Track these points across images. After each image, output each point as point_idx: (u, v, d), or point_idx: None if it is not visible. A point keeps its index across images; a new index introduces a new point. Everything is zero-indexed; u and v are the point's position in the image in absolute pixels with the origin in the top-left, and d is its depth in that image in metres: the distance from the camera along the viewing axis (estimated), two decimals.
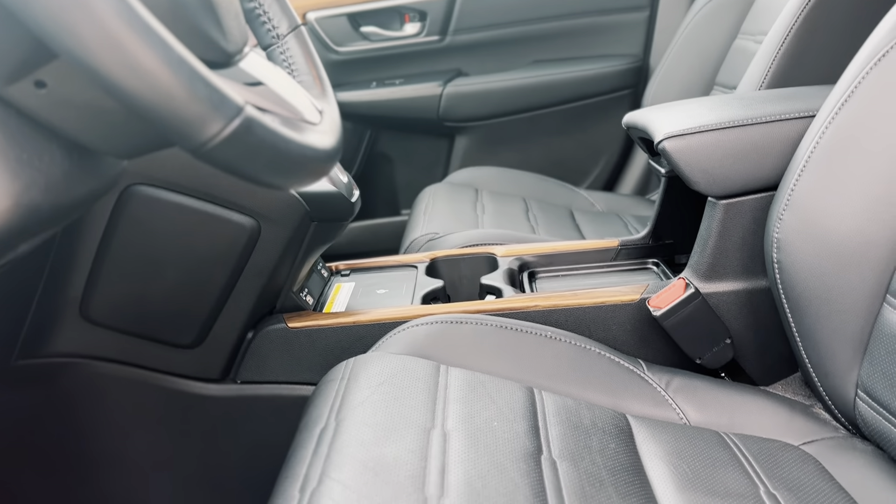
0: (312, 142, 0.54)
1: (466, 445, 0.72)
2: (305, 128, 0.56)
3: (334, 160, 0.59)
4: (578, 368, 0.93)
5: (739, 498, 0.73)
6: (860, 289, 0.83)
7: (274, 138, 0.48)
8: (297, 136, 0.52)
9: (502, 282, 1.14)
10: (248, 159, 0.47)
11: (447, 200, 1.67)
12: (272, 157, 0.49)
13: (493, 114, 2.05)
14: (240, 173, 0.49)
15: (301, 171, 0.54)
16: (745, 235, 0.97)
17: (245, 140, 0.46)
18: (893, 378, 0.78)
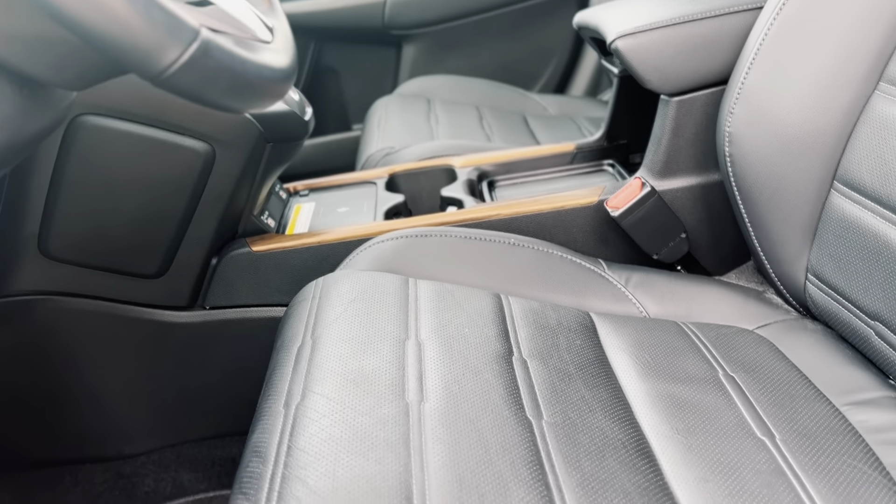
0: (269, 62, 0.53)
1: (441, 352, 0.75)
2: (260, 48, 0.55)
3: (291, 79, 0.59)
4: (542, 272, 0.96)
5: (699, 382, 0.78)
6: (809, 176, 0.86)
7: (231, 61, 0.47)
8: (253, 56, 0.51)
9: (462, 193, 1.15)
10: (207, 84, 0.47)
11: (400, 113, 1.65)
12: (231, 81, 0.48)
13: (440, 19, 2.00)
14: (199, 99, 0.48)
15: (260, 92, 0.53)
16: (698, 131, 0.99)
17: (203, 65, 0.45)
18: (841, 261, 0.83)
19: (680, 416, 0.72)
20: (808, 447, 0.68)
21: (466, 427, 0.65)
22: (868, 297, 0.79)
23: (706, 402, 0.74)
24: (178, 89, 0.46)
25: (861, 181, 0.80)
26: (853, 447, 0.69)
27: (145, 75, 0.43)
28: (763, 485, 0.64)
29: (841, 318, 0.84)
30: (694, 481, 0.64)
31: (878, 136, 0.79)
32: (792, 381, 0.79)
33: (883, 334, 0.77)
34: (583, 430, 0.68)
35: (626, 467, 0.64)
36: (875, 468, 0.66)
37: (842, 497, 0.62)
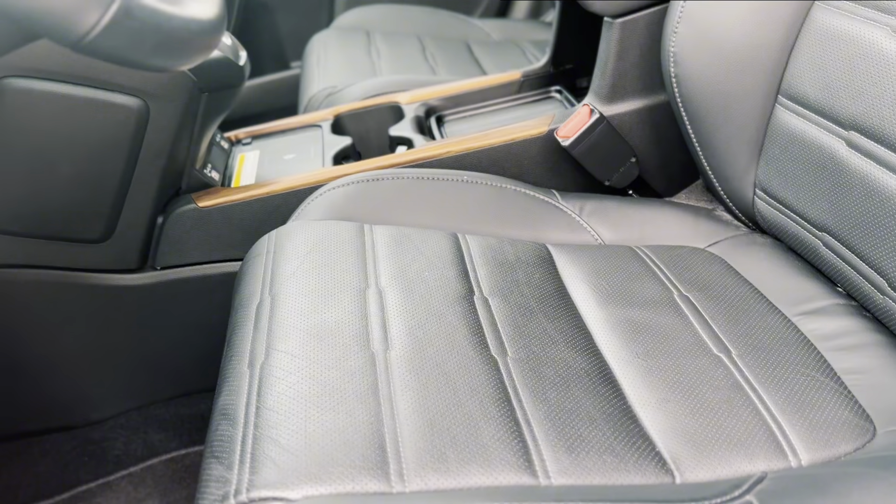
0: (195, 14, 0.51)
1: (402, 299, 0.75)
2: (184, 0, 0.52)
3: (220, 30, 0.56)
4: (497, 208, 0.96)
5: (655, 304, 0.79)
6: (754, 92, 0.87)
7: (155, 18, 0.45)
8: (178, 11, 0.48)
9: (411, 131, 1.13)
10: (132, 46, 0.44)
11: (339, 49, 1.60)
12: (157, 40, 0.46)
13: None
14: (126, 61, 0.46)
15: (189, 48, 0.51)
16: (643, 52, 0.98)
17: (126, 25, 0.42)
18: (788, 175, 0.84)
19: (639, 340, 0.74)
20: (764, 360, 0.71)
21: (433, 371, 0.65)
22: (815, 210, 0.81)
23: (663, 323, 0.76)
24: (100, 53, 0.44)
25: (804, 94, 0.81)
26: (806, 356, 0.72)
27: (64, 41, 0.41)
28: (722, 400, 0.66)
29: (789, 230, 0.86)
30: (656, 402, 0.66)
31: (819, 48, 0.79)
32: (745, 296, 0.81)
33: (830, 244, 0.79)
34: (547, 363, 0.69)
35: (590, 395, 0.66)
36: (828, 375, 0.69)
37: (797, 406, 0.65)
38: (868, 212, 0.73)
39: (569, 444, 0.60)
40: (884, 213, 0.70)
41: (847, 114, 0.75)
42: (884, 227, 0.71)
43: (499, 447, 0.58)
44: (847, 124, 0.75)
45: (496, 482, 0.56)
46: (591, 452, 0.59)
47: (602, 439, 0.61)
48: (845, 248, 0.77)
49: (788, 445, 0.62)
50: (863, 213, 0.73)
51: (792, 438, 0.62)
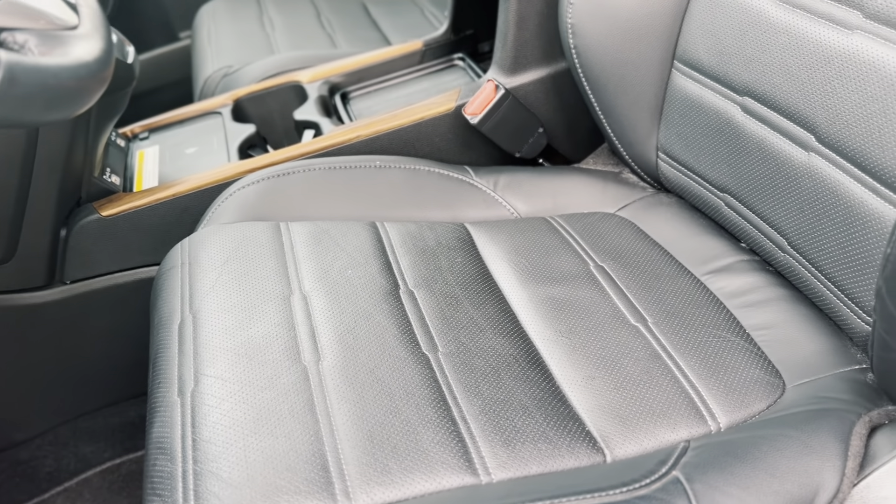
0: (82, 57, 0.48)
1: (328, 303, 0.75)
2: (68, 39, 0.49)
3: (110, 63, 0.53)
4: (413, 190, 0.96)
5: (573, 279, 0.82)
6: (650, 59, 0.88)
7: (41, 77, 0.43)
8: (63, 60, 0.46)
9: (317, 114, 1.10)
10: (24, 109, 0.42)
11: (230, 21, 1.53)
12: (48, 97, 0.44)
13: None
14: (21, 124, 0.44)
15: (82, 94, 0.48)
16: (542, 21, 0.98)
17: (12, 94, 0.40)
18: (688, 138, 0.87)
19: (561, 318, 0.76)
20: (678, 325, 0.75)
21: (367, 378, 0.66)
22: (715, 172, 0.84)
23: (582, 297, 0.79)
24: None
25: (699, 60, 0.83)
26: (716, 317, 0.76)
27: None
28: (643, 371, 0.70)
29: (692, 191, 0.90)
30: (582, 381, 0.69)
31: (710, 15, 0.82)
32: (655, 260, 0.85)
33: (732, 205, 0.83)
34: (477, 354, 0.71)
35: (521, 382, 0.68)
36: (737, 334, 0.74)
37: (712, 369, 0.69)
38: (765, 175, 0.76)
39: (505, 438, 0.62)
40: (780, 177, 0.74)
41: (740, 80, 0.78)
42: (781, 189, 0.75)
43: (439, 450, 0.60)
44: (741, 90, 0.78)
45: (440, 486, 0.58)
46: (526, 443, 0.62)
47: (535, 427, 0.63)
48: (746, 208, 0.81)
49: (707, 410, 0.66)
50: (760, 176, 0.77)
51: (710, 403, 0.66)
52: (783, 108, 0.72)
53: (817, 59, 0.68)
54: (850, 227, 0.66)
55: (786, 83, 0.71)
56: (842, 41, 0.66)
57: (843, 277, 0.68)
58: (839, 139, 0.66)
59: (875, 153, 0.62)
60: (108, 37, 0.53)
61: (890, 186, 0.62)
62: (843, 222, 0.67)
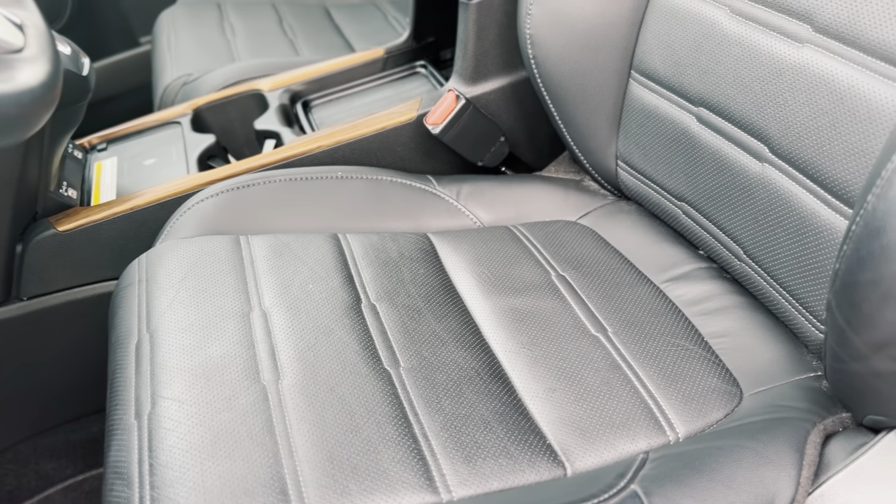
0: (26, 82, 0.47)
1: (289, 319, 0.74)
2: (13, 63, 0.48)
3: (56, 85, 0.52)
4: (375, 201, 0.95)
5: (535, 289, 0.82)
6: (608, 69, 0.89)
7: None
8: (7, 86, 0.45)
9: (277, 123, 1.09)
10: None
11: (190, 28, 1.51)
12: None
13: None
14: None
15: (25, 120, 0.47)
16: (501, 31, 0.98)
17: None
18: (645, 148, 0.88)
19: (523, 329, 0.76)
20: (637, 335, 0.75)
21: (328, 396, 0.66)
22: (672, 181, 0.85)
23: (544, 308, 0.79)
24: None
25: (655, 71, 0.84)
26: (675, 325, 0.77)
27: None
28: (603, 382, 0.70)
29: (651, 199, 0.91)
30: (543, 393, 0.70)
31: (665, 26, 0.82)
32: (616, 268, 0.86)
33: (689, 213, 0.84)
34: (439, 368, 0.71)
35: (483, 396, 0.68)
36: (696, 342, 0.75)
37: (671, 379, 0.70)
38: (720, 184, 0.77)
39: (466, 454, 0.62)
40: (734, 187, 0.75)
41: (695, 91, 0.78)
42: (736, 199, 0.76)
43: (399, 469, 0.60)
44: (696, 101, 0.79)
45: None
46: (487, 458, 0.62)
47: (496, 442, 0.63)
48: (703, 217, 0.82)
49: (666, 421, 0.67)
50: (716, 185, 0.78)
51: (668, 413, 0.67)
52: (737, 119, 0.73)
53: (769, 71, 0.69)
54: (803, 237, 0.67)
55: (739, 95, 0.72)
56: (793, 54, 0.67)
57: (797, 286, 0.69)
58: (791, 150, 0.67)
59: (826, 165, 0.64)
60: (54, 58, 0.52)
61: (840, 198, 0.63)
62: (796, 232, 0.68)
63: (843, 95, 0.62)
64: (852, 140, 0.61)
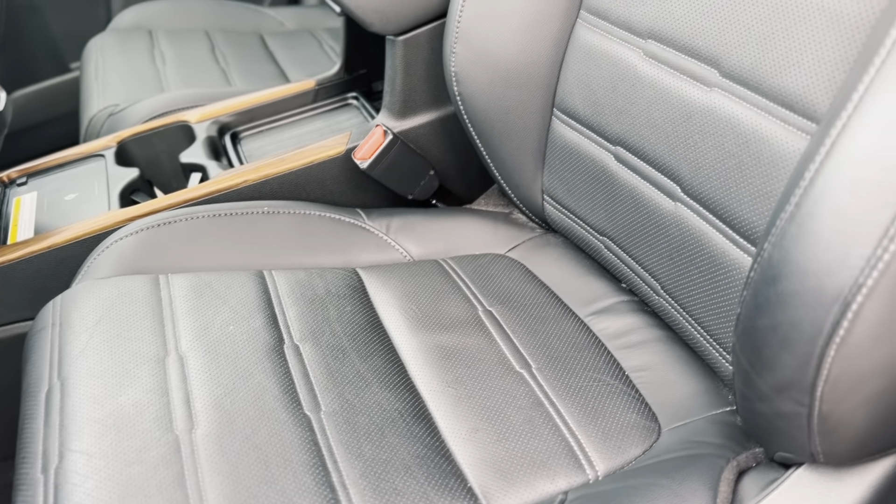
0: None
1: (206, 363, 0.73)
2: None
3: None
4: (303, 236, 0.94)
5: (463, 324, 0.82)
6: (532, 106, 0.90)
7: None
8: None
9: (204, 156, 1.07)
10: None
11: (119, 55, 1.48)
12: None
13: None
14: None
15: None
16: (429, 66, 0.99)
17: None
18: (569, 183, 0.89)
19: (448, 367, 0.76)
20: (560, 370, 0.76)
21: (244, 446, 0.64)
22: (594, 216, 0.86)
23: (470, 344, 0.79)
24: None
25: (575, 109, 0.86)
26: (597, 360, 0.78)
27: None
28: (525, 421, 0.70)
29: (576, 233, 0.92)
30: (466, 433, 0.69)
31: (583, 65, 0.84)
32: (542, 302, 0.86)
33: (611, 248, 0.86)
34: (361, 411, 0.70)
35: (405, 439, 0.68)
36: (617, 377, 0.75)
37: (591, 415, 0.71)
38: (638, 221, 0.79)
39: (385, 502, 0.61)
40: (651, 224, 0.77)
41: (612, 130, 0.80)
42: (652, 236, 0.77)
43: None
44: (614, 139, 0.80)
45: None
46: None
47: (417, 488, 0.63)
48: (623, 252, 0.83)
49: (586, 458, 0.67)
50: (633, 222, 0.79)
51: (588, 451, 0.68)
52: (651, 158, 0.75)
53: (680, 113, 0.70)
54: (714, 275, 0.69)
55: (653, 135, 0.74)
56: (702, 97, 0.69)
57: (711, 322, 0.71)
58: (702, 191, 0.69)
59: (733, 206, 0.65)
60: None
61: (748, 238, 0.64)
62: (707, 270, 0.69)
63: (748, 139, 0.63)
64: (757, 183, 0.62)
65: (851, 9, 0.56)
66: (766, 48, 0.62)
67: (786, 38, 0.60)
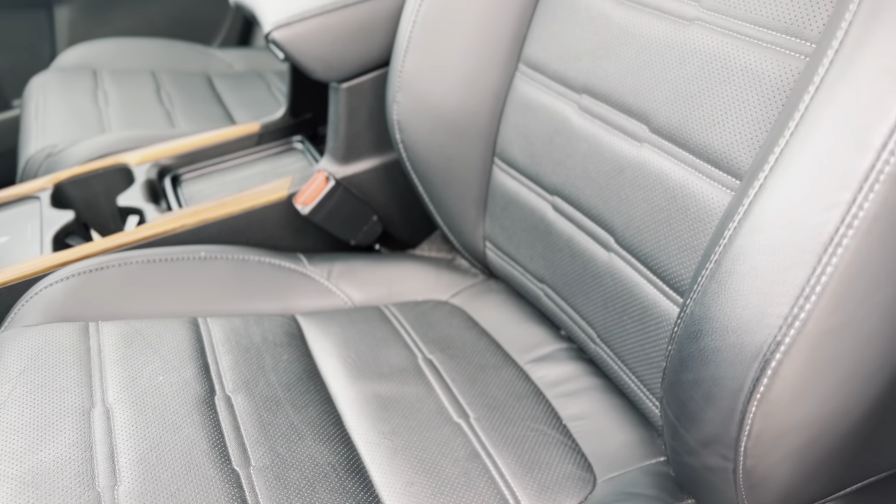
0: None
1: (133, 416, 0.70)
2: None
3: None
4: (241, 282, 0.93)
5: (402, 373, 0.82)
6: (473, 155, 0.91)
7: None
8: None
9: (142, 199, 1.05)
10: None
11: (61, 94, 1.45)
12: None
13: None
14: None
15: None
16: (372, 114, 1.00)
17: None
18: (508, 231, 0.90)
19: (385, 418, 0.75)
20: (498, 420, 0.76)
21: (167, 503, 0.62)
22: (533, 264, 0.87)
23: (408, 393, 0.79)
24: None
25: (514, 159, 0.87)
26: (535, 409, 0.77)
27: None
28: (461, 473, 0.70)
29: (517, 280, 0.92)
30: (401, 487, 0.68)
31: (522, 116, 0.85)
32: (482, 350, 0.86)
33: (549, 295, 0.86)
34: (293, 466, 0.68)
35: (337, 494, 0.66)
36: (554, 426, 0.75)
37: (527, 466, 0.70)
38: (574, 270, 0.80)
39: None
40: (587, 273, 0.78)
41: (549, 181, 0.81)
42: (588, 285, 0.78)
43: None
44: (551, 190, 0.81)
45: None
46: None
47: None
48: (562, 299, 0.84)
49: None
50: (570, 271, 0.80)
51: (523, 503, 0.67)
52: (587, 209, 0.76)
53: (613, 167, 0.72)
54: (646, 325, 0.70)
55: (588, 187, 0.75)
56: (633, 152, 0.70)
57: (644, 372, 0.71)
58: (634, 242, 0.70)
59: (663, 258, 0.67)
60: None
61: (677, 290, 0.66)
62: (640, 320, 0.70)
63: (676, 194, 0.65)
64: (685, 237, 0.64)
65: (772, 70, 0.58)
66: (693, 106, 0.64)
67: (711, 97, 0.63)
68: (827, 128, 0.46)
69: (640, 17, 0.70)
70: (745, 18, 0.61)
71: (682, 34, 0.65)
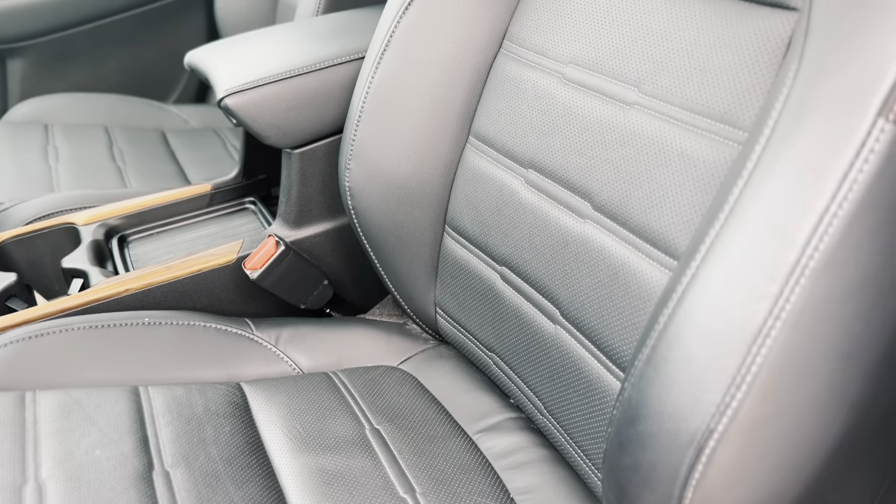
0: None
1: (66, 493, 0.68)
2: None
3: None
4: (185, 348, 0.91)
5: (348, 445, 0.81)
6: (424, 223, 0.92)
7: None
8: None
9: (87, 261, 1.04)
10: None
11: (9, 150, 1.43)
12: None
13: (49, 28, 1.76)
14: None
15: None
16: (325, 179, 1.00)
17: None
18: (459, 298, 0.91)
19: (329, 494, 0.74)
20: (444, 495, 0.75)
21: None
22: (483, 332, 0.88)
23: (353, 468, 0.77)
24: None
25: (464, 228, 0.88)
26: (483, 483, 0.77)
27: None
28: None
29: (467, 347, 0.93)
30: None
31: (471, 187, 0.87)
32: (431, 419, 0.86)
33: (498, 364, 0.87)
34: None
35: None
36: (501, 501, 0.75)
37: None
38: (522, 341, 0.80)
39: None
40: (533, 344, 0.78)
41: (498, 251, 0.82)
42: (535, 356, 0.78)
43: None
44: (499, 260, 0.82)
45: None
46: None
47: None
48: (510, 369, 0.84)
49: None
50: (518, 342, 0.81)
51: None
52: (534, 281, 0.77)
53: (558, 241, 0.73)
54: (591, 399, 0.70)
55: (534, 259, 0.76)
56: (577, 227, 0.72)
57: (590, 446, 0.72)
58: (578, 316, 0.71)
59: (605, 334, 0.67)
60: None
61: (620, 366, 0.66)
62: (585, 394, 0.71)
63: (617, 271, 0.66)
64: (626, 313, 0.65)
65: (707, 156, 0.61)
66: (633, 187, 0.66)
67: (649, 179, 0.64)
68: (755, 221, 0.48)
69: (583, 99, 0.72)
70: (682, 105, 0.63)
71: (622, 117, 0.68)
